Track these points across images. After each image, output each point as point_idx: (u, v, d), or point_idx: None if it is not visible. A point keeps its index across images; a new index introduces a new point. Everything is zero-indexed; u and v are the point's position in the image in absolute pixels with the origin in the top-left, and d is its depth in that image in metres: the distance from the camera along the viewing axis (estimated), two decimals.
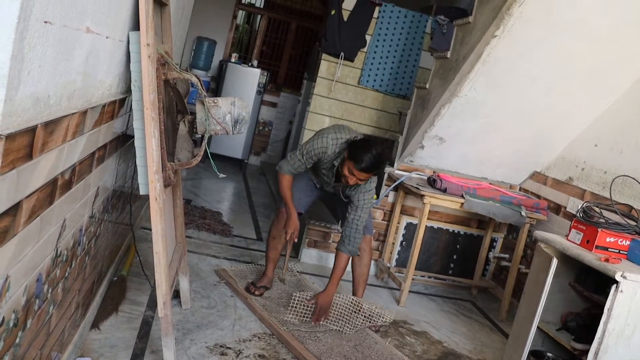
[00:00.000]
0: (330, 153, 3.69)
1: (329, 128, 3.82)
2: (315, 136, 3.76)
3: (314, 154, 3.73)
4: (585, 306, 3.61)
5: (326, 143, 3.67)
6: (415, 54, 6.09)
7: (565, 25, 3.82)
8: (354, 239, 3.80)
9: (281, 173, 3.85)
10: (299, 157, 3.77)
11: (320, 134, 3.74)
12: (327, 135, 3.70)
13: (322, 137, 3.70)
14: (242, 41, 9.98)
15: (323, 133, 3.74)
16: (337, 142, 3.68)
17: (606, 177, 4.16)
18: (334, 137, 3.68)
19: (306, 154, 3.74)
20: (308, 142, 3.76)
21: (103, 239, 2.95)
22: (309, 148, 3.73)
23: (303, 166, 3.81)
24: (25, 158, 1.50)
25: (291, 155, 3.82)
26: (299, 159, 3.77)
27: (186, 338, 3.23)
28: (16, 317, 1.68)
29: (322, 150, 3.69)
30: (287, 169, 3.83)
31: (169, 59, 2.76)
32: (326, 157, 3.71)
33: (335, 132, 3.73)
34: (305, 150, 3.74)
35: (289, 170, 3.83)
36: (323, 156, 3.72)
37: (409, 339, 3.95)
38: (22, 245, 1.62)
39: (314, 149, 3.71)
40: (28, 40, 1.38)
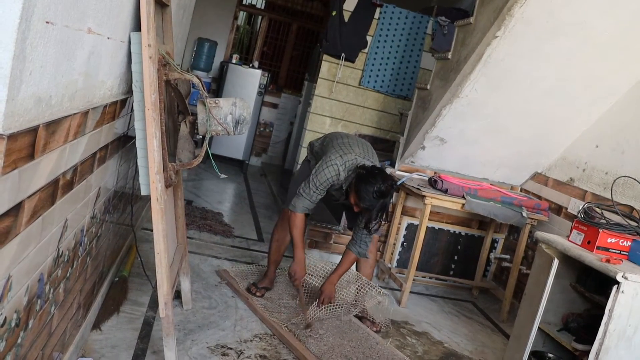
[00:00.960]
0: (343, 178, 3.67)
1: (333, 151, 3.74)
2: (322, 165, 3.68)
3: (328, 183, 3.68)
4: (586, 307, 3.61)
5: (337, 170, 3.65)
6: (416, 55, 6.10)
7: (566, 27, 3.83)
8: (365, 243, 3.86)
9: (295, 212, 3.74)
10: (314, 190, 3.69)
11: (327, 163, 3.66)
12: (335, 162, 3.65)
13: (331, 165, 3.65)
14: (243, 42, 9.99)
15: (330, 160, 3.66)
16: (346, 166, 3.66)
17: (607, 178, 4.16)
18: (341, 162, 3.65)
19: (320, 185, 3.68)
20: (316, 173, 3.68)
21: (104, 239, 2.95)
22: (321, 179, 3.66)
23: (320, 197, 3.75)
24: (27, 158, 1.50)
25: (305, 191, 3.71)
26: (315, 192, 3.70)
27: (187, 338, 3.23)
28: (18, 317, 1.69)
29: (335, 177, 3.66)
30: (302, 206, 3.73)
31: (170, 59, 2.77)
32: (339, 182, 3.70)
33: (341, 155, 3.69)
34: (318, 183, 3.67)
35: (305, 207, 3.74)
36: (336, 182, 3.69)
37: (410, 339, 3.95)
38: (24, 245, 1.62)
39: (328, 179, 3.66)
40: (30, 41, 1.38)
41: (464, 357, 3.87)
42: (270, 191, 7.78)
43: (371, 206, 3.52)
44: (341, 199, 3.84)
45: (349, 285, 4.06)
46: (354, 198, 3.56)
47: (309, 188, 3.70)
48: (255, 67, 8.58)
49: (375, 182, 3.47)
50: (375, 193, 3.46)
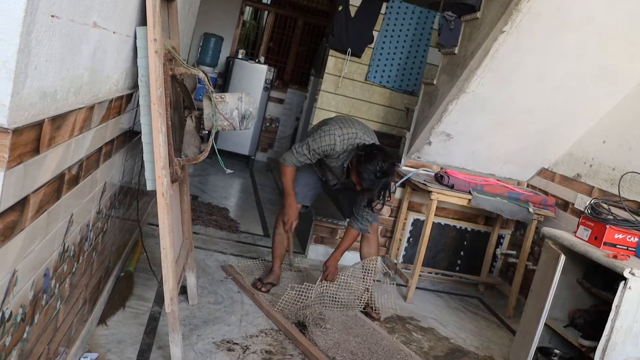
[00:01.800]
0: (339, 149, 3.68)
1: (333, 122, 3.79)
2: (320, 132, 3.71)
3: (320, 151, 3.71)
4: (593, 303, 3.59)
5: (333, 140, 3.66)
6: (422, 50, 6.08)
7: (573, 22, 3.80)
8: (366, 220, 3.95)
9: (285, 165, 3.84)
10: (305, 152, 3.75)
11: (326, 131, 3.69)
12: (334, 132, 3.67)
13: (329, 134, 3.67)
14: (249, 37, 9.98)
15: (330, 129, 3.69)
16: (345, 139, 3.67)
17: (614, 174, 4.14)
18: (340, 133, 3.67)
19: (312, 150, 3.72)
20: (314, 137, 3.72)
21: (110, 234, 2.95)
22: (315, 145, 3.70)
23: (308, 160, 3.80)
24: (32, 152, 1.50)
25: (297, 149, 3.78)
26: (305, 154, 3.75)
27: (193, 334, 3.23)
28: (24, 312, 1.69)
29: (329, 147, 3.68)
30: (291, 162, 3.82)
31: (176, 54, 2.76)
32: (334, 153, 3.70)
33: (341, 127, 3.71)
34: (311, 147, 3.72)
35: (293, 163, 3.82)
36: (331, 152, 3.71)
37: (415, 335, 3.94)
38: (30, 240, 1.62)
39: (322, 146, 3.69)
40: (35, 34, 1.38)
41: (470, 353, 3.86)
42: (276, 187, 7.78)
43: (373, 185, 3.54)
44: (342, 178, 3.86)
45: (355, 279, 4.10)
46: (355, 177, 3.58)
47: (301, 148, 3.76)
48: (262, 63, 8.57)
49: (376, 161, 3.48)
50: (377, 173, 3.47)
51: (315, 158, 3.78)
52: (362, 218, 3.94)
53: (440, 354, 3.75)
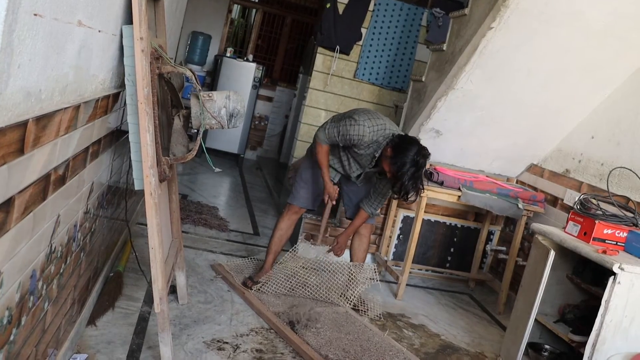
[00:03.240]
0: (367, 140, 3.71)
1: (361, 113, 3.77)
2: (351, 121, 3.70)
3: (349, 139, 3.72)
4: (582, 298, 3.60)
5: (363, 131, 3.67)
6: (411, 47, 6.07)
7: (561, 17, 3.81)
8: (378, 204, 4.08)
9: (319, 143, 3.89)
10: (335, 134, 3.78)
11: (356, 121, 3.68)
12: (363, 123, 3.67)
13: (359, 124, 3.67)
14: (237, 35, 9.95)
15: (359, 120, 3.68)
16: (375, 130, 3.70)
17: (603, 169, 4.15)
18: (370, 124, 3.69)
19: (342, 135, 3.75)
20: (345, 124, 3.71)
21: (98, 234, 2.93)
22: (345, 132, 3.71)
23: (336, 142, 3.83)
24: (17, 153, 1.48)
25: (328, 129, 3.83)
26: (334, 136, 3.79)
27: (183, 333, 3.22)
28: (10, 314, 1.67)
29: (358, 137, 3.69)
30: (323, 140, 3.86)
31: (162, 52, 2.74)
32: (362, 143, 3.72)
33: (370, 118, 3.71)
34: (341, 132, 3.74)
35: (325, 141, 3.87)
36: (359, 142, 3.72)
37: (406, 332, 3.94)
38: (15, 241, 1.60)
39: (351, 135, 3.69)
40: (17, 33, 1.36)
41: (461, 349, 3.86)
42: (266, 185, 7.77)
43: (406, 174, 3.56)
44: (367, 167, 3.90)
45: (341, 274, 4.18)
46: (388, 166, 3.63)
47: (332, 130, 3.80)
48: (250, 61, 8.55)
49: (412, 151, 3.56)
50: (412, 162, 3.54)
51: (342, 143, 3.81)
52: (376, 202, 4.05)
53: (431, 350, 3.76)
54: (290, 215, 4.17)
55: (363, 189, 4.16)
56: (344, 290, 4.09)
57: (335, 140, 3.81)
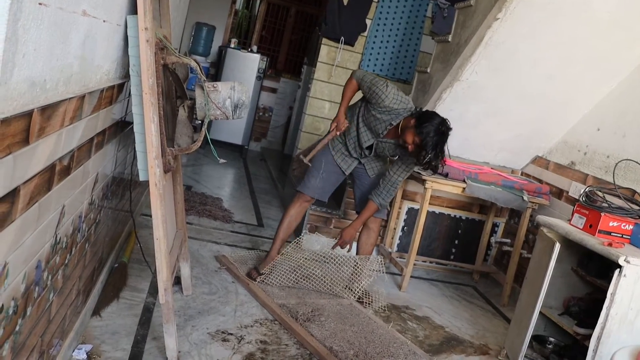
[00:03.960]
0: (387, 104, 3.75)
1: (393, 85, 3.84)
2: (383, 80, 3.83)
3: (373, 91, 3.78)
4: (587, 291, 3.60)
5: (387, 93, 3.74)
6: (416, 38, 6.05)
7: (568, 8, 3.79)
8: (388, 195, 4.02)
9: (353, 78, 3.96)
10: (368, 80, 3.84)
11: (385, 84, 3.78)
12: (391, 90, 3.76)
13: (388, 87, 3.76)
14: (241, 26, 9.92)
15: (388, 86, 3.78)
16: (397, 99, 3.76)
17: (609, 162, 4.14)
18: (395, 93, 3.76)
19: (370, 84, 3.81)
20: (378, 79, 3.83)
21: (103, 225, 2.93)
22: (375, 83, 3.79)
23: (363, 88, 3.89)
24: (22, 143, 1.48)
25: (367, 74, 3.91)
26: (366, 82, 3.85)
27: (188, 324, 3.22)
28: (15, 305, 1.67)
29: (381, 95, 3.75)
30: (358, 76, 3.92)
31: (167, 43, 2.73)
32: (380, 102, 3.77)
33: (397, 90, 3.81)
34: (373, 82, 3.81)
35: (358, 78, 3.91)
36: (377, 100, 3.77)
37: (411, 324, 3.94)
38: (21, 232, 1.60)
39: (376, 89, 3.77)
40: (22, 22, 1.35)
41: (465, 342, 3.86)
42: (270, 176, 7.76)
43: (430, 142, 3.59)
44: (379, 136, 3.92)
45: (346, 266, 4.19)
46: (412, 135, 3.65)
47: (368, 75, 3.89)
48: (254, 52, 8.53)
49: (436, 120, 3.63)
50: (435, 130, 3.59)
51: (365, 92, 3.88)
52: (386, 193, 4.01)
53: (435, 342, 3.75)
54: (301, 203, 4.15)
55: (375, 181, 4.15)
56: (349, 283, 4.09)
57: (363, 85, 3.87)
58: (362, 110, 3.96)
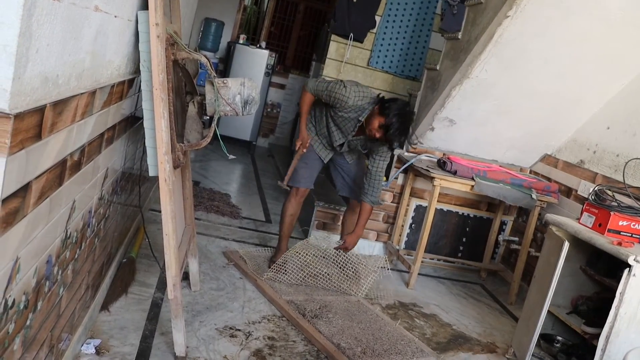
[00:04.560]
0: (351, 104, 3.86)
1: (350, 82, 3.94)
2: (340, 83, 3.89)
3: (333, 97, 3.88)
4: (596, 290, 3.59)
5: (348, 94, 3.83)
6: (425, 35, 6.03)
7: (579, 6, 3.76)
8: (376, 190, 4.09)
9: (307, 91, 4.05)
10: (322, 88, 3.95)
11: (343, 85, 3.87)
12: (350, 87, 3.85)
13: (346, 87, 3.85)
14: (250, 22, 9.90)
15: (346, 85, 3.87)
16: (360, 96, 3.86)
17: (618, 160, 4.12)
18: (356, 90, 3.86)
19: (328, 92, 3.90)
20: (334, 85, 3.90)
21: (112, 220, 2.94)
22: (332, 89, 3.88)
23: (322, 97, 3.98)
24: (35, 138, 1.48)
25: (319, 83, 4.00)
26: (322, 90, 3.95)
27: (195, 320, 3.23)
28: (27, 299, 1.68)
29: (343, 99, 3.85)
30: (311, 89, 4.02)
31: (178, 39, 2.73)
32: (344, 105, 3.87)
33: (356, 85, 3.90)
34: (330, 88, 3.90)
35: (312, 90, 4.02)
36: (341, 104, 3.88)
37: (418, 321, 3.94)
38: (32, 226, 1.61)
39: (336, 94, 3.86)
40: (36, 18, 1.35)
41: (473, 340, 3.86)
42: (278, 172, 7.76)
43: (394, 119, 3.73)
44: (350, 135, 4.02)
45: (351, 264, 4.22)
46: (377, 120, 3.78)
47: (322, 85, 3.97)
48: (263, 48, 8.52)
49: (397, 103, 3.79)
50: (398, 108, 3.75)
51: (326, 100, 3.96)
52: (374, 189, 4.07)
53: (442, 340, 3.75)
54: (298, 199, 4.24)
55: (354, 167, 4.30)
56: (355, 280, 4.09)
57: (320, 95, 3.98)
58: (329, 112, 4.06)
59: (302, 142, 4.15)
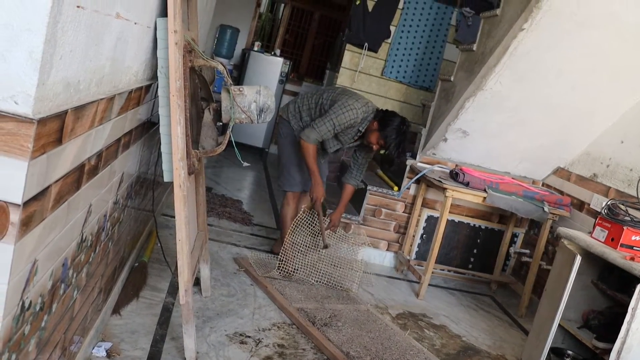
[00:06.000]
0: (360, 121, 4.05)
1: (346, 97, 4.07)
2: (341, 108, 4.00)
3: (345, 125, 4.02)
4: (607, 304, 3.57)
5: (356, 114, 4.00)
6: (439, 46, 6.05)
7: (595, 20, 3.77)
8: (360, 174, 4.41)
9: (308, 143, 4.01)
10: (329, 128, 4.00)
11: (347, 106, 3.99)
12: (354, 106, 4.00)
13: (351, 109, 3.98)
14: (265, 30, 9.96)
15: (349, 104, 4.00)
16: (364, 110, 4.04)
17: (632, 175, 4.11)
18: (360, 106, 4.02)
19: (337, 125, 4.00)
20: (337, 114, 3.98)
21: (126, 224, 2.96)
22: (341, 120, 3.99)
23: (330, 134, 4.06)
24: (55, 143, 1.50)
25: (319, 126, 4.00)
26: (329, 130, 4.01)
27: (206, 325, 3.24)
28: (42, 301, 1.69)
29: (354, 121, 4.02)
30: (314, 140, 4.02)
31: (195, 46, 2.76)
32: (355, 124, 4.06)
33: (356, 99, 4.06)
34: (335, 123, 3.99)
35: (316, 140, 4.03)
36: (353, 124, 4.05)
37: (427, 332, 3.93)
38: (50, 229, 1.62)
39: (347, 121, 4.00)
40: (61, 25, 1.38)
41: (482, 352, 3.85)
42: None
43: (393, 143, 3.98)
44: (347, 143, 4.22)
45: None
46: (376, 137, 4.03)
47: (324, 126, 4.00)
48: (277, 55, 8.55)
49: (396, 122, 3.99)
50: (397, 131, 3.96)
51: (338, 131, 4.06)
52: (359, 173, 4.39)
53: (452, 351, 3.75)
54: (294, 204, 4.38)
55: (326, 166, 4.55)
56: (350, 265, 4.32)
57: (329, 134, 4.04)
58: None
59: (317, 199, 4.15)
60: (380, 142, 4.03)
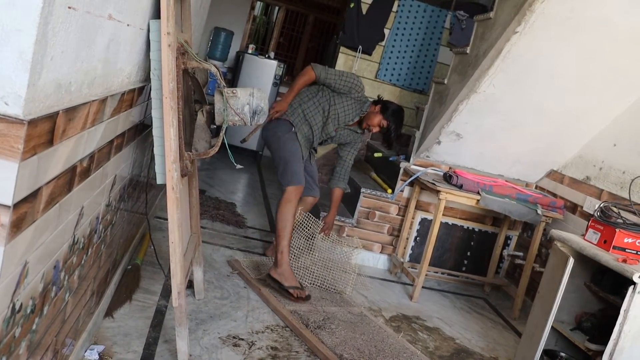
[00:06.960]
0: (355, 95, 4.28)
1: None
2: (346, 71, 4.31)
3: (350, 83, 4.23)
4: (600, 307, 3.58)
5: (359, 82, 4.29)
6: (433, 49, 6.06)
7: (587, 23, 3.78)
8: (346, 176, 4.56)
9: (311, 70, 4.22)
10: (337, 74, 4.21)
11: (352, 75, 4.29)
12: (359, 81, 4.29)
13: (358, 79, 4.29)
14: (259, 32, 9.97)
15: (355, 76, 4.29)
16: (363, 90, 4.31)
17: (625, 178, 4.12)
18: (361, 86, 4.30)
19: (343, 78, 4.22)
20: (344, 71, 4.28)
21: (118, 227, 2.95)
22: (347, 76, 4.25)
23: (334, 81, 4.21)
24: (46, 144, 1.49)
25: (330, 70, 4.22)
26: (335, 75, 4.20)
27: (199, 328, 3.23)
28: (33, 304, 1.69)
29: (352, 86, 4.24)
30: (320, 71, 4.20)
31: (188, 48, 2.75)
32: (352, 92, 4.26)
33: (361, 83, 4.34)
34: (345, 76, 4.24)
35: (320, 73, 4.19)
36: (350, 91, 4.25)
37: (421, 334, 3.93)
38: (41, 231, 1.62)
39: (352, 80, 4.24)
40: (52, 26, 1.37)
41: (475, 354, 3.85)
42: None
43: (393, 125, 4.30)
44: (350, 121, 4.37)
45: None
46: (377, 118, 4.30)
47: (333, 70, 4.23)
48: (271, 58, 8.55)
49: (393, 106, 4.36)
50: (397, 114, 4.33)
51: (339, 84, 4.22)
52: (346, 175, 4.54)
53: (445, 354, 3.75)
54: (296, 201, 4.03)
55: (314, 167, 4.54)
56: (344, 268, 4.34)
57: (331, 79, 4.20)
58: (331, 100, 4.28)
59: (280, 110, 4.24)
60: (382, 124, 4.29)
